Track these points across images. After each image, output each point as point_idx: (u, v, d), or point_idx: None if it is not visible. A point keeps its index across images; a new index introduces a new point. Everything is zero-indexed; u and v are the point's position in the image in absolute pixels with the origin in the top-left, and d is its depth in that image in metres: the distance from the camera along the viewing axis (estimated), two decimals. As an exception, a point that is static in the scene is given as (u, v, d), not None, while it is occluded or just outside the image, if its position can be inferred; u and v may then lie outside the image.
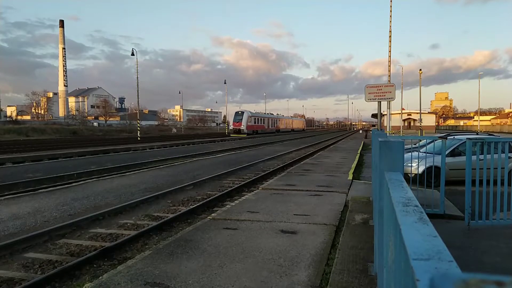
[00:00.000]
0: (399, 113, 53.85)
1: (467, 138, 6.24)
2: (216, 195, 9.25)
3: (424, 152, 10.58)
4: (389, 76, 24.42)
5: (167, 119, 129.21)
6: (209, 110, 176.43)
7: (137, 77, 40.47)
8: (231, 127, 57.35)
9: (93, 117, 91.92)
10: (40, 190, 9.85)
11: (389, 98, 12.27)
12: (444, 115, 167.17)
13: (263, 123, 65.69)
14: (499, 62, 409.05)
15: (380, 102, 12.62)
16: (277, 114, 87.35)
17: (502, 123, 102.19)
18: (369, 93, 12.11)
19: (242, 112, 57.74)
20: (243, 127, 55.75)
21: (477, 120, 74.79)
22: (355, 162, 15.80)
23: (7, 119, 74.11)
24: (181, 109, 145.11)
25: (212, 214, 6.87)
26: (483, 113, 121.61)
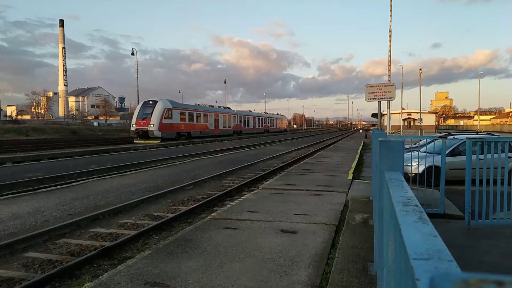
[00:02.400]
0: (399, 113, 53.88)
1: (467, 138, 6.24)
2: (216, 195, 9.25)
3: (424, 152, 10.58)
4: (389, 75, 24.44)
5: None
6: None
7: (137, 77, 40.51)
8: (133, 127, 33.48)
9: (93, 117, 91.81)
10: (40, 190, 9.85)
11: (389, 98, 12.28)
12: (444, 115, 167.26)
13: (203, 120, 41.60)
14: (500, 62, 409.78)
15: (380, 101, 12.62)
16: (263, 112, 73.13)
17: (502, 123, 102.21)
18: (369, 93, 12.11)
19: (154, 103, 34.00)
20: (152, 126, 32.33)
21: (477, 120, 74.81)
22: (355, 161, 15.80)
23: (7, 118, 74.14)
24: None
25: (212, 214, 6.87)
26: (483, 112, 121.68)
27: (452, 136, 11.37)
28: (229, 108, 54.26)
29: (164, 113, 33.77)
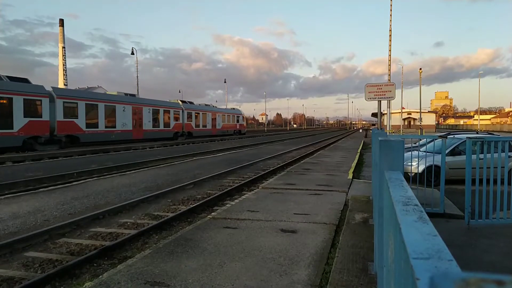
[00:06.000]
0: (399, 112, 53.87)
1: (467, 137, 6.24)
2: (216, 194, 9.25)
3: (424, 151, 10.58)
4: (389, 75, 24.42)
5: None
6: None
7: (137, 76, 40.50)
8: None
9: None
10: (40, 189, 9.85)
11: (389, 97, 12.27)
12: (444, 114, 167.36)
13: None
14: (502, 61, 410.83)
15: (380, 101, 12.61)
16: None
17: (502, 122, 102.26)
18: (369, 92, 12.10)
19: None
20: None
21: (477, 119, 74.83)
22: (355, 161, 15.80)
23: (7, 118, 73.69)
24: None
25: (212, 213, 6.87)
26: (483, 112, 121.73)
27: (452, 136, 11.37)
28: (24, 80, 21.82)
29: None
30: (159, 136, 33.26)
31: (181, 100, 39.79)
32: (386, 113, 27.21)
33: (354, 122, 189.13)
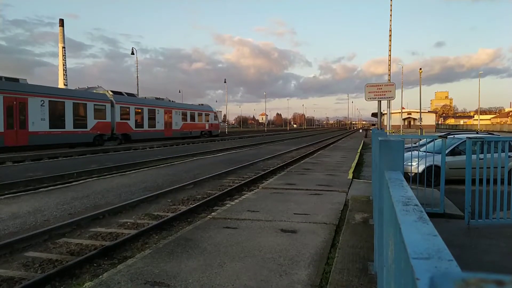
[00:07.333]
0: (399, 112, 53.90)
1: (467, 137, 6.24)
2: (216, 194, 9.26)
3: (424, 151, 10.58)
4: (389, 75, 24.44)
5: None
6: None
7: (137, 76, 40.51)
8: None
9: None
10: (40, 189, 9.85)
11: (389, 97, 12.27)
12: (444, 114, 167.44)
13: None
14: (503, 61, 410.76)
15: (380, 101, 12.61)
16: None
17: (502, 122, 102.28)
18: (369, 92, 12.09)
19: None
20: None
21: (477, 119, 74.84)
22: (355, 161, 15.80)
23: (7, 118, 73.48)
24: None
25: (212, 213, 6.87)
26: (483, 112, 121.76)
27: (452, 136, 11.37)
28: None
29: None
30: (64, 140, 22.81)
31: (112, 91, 28.66)
32: (386, 113, 27.23)
33: (354, 122, 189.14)
